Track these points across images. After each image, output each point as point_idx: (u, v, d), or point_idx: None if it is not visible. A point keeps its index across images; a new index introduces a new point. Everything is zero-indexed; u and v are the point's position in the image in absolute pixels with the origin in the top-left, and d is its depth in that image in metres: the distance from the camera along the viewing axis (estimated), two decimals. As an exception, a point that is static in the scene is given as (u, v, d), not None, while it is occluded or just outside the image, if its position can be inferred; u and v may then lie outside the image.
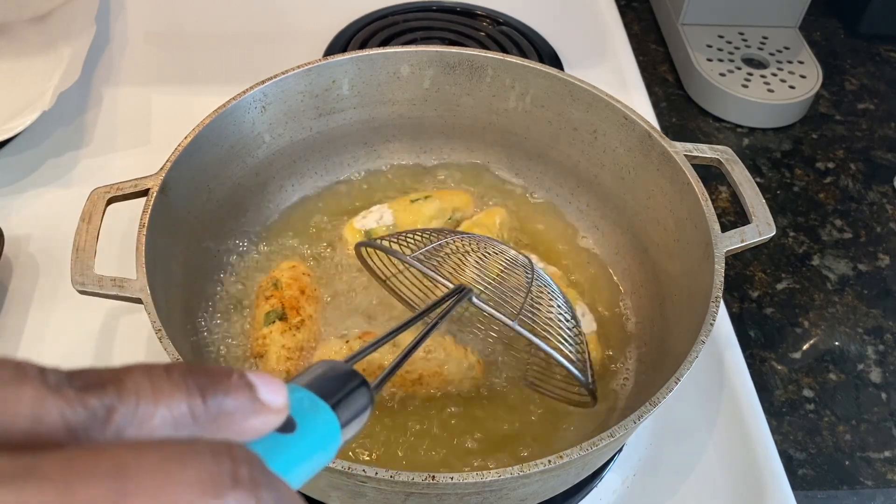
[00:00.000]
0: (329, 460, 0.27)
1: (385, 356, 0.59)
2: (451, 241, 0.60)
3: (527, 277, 0.58)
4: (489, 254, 0.61)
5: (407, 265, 0.58)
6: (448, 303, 0.47)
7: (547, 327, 0.55)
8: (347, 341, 0.62)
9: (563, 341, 0.55)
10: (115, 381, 0.22)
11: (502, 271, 0.60)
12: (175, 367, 0.24)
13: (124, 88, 0.93)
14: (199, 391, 0.23)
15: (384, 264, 0.64)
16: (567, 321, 0.57)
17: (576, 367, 0.54)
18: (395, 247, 0.58)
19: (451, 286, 0.51)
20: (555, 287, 0.60)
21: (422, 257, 0.56)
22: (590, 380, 0.55)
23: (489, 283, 0.57)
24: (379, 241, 0.60)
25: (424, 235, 0.60)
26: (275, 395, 0.25)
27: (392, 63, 0.74)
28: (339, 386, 0.29)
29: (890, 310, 0.80)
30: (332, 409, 0.28)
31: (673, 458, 0.64)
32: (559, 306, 0.58)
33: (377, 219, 0.71)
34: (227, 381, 0.25)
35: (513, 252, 0.62)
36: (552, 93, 0.73)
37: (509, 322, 0.53)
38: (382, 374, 0.34)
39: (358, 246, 0.63)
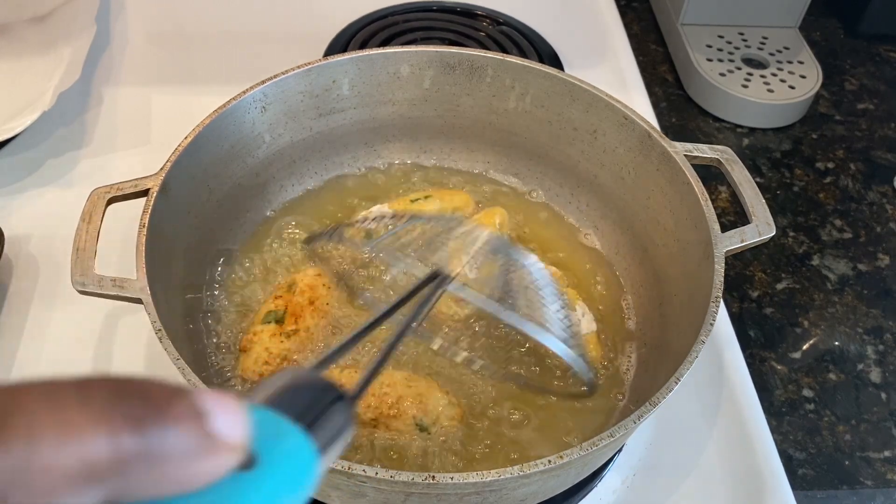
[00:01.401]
0: (304, 499, 0.21)
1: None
2: (414, 226, 0.55)
3: (503, 257, 0.54)
4: (459, 236, 0.55)
5: (370, 257, 0.53)
6: (424, 291, 0.41)
7: (530, 310, 0.52)
8: (342, 370, 0.60)
9: (550, 322, 0.51)
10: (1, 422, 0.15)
11: (476, 253, 0.55)
12: (94, 383, 0.17)
13: (124, 88, 0.93)
14: (129, 424, 0.16)
15: (343, 261, 0.60)
16: (553, 303, 0.53)
17: (567, 349, 0.50)
18: (352, 236, 0.52)
19: (422, 275, 0.45)
20: (536, 264, 0.55)
21: (385, 244, 0.50)
22: (584, 365, 0.52)
23: (463, 267, 0.53)
24: (330, 233, 0.52)
25: (384, 222, 0.55)
26: (232, 426, 0.19)
27: (392, 63, 0.74)
28: (309, 401, 0.22)
29: (890, 310, 0.80)
30: (305, 432, 0.21)
31: (673, 458, 0.64)
32: (543, 287, 0.54)
33: (377, 218, 0.71)
34: (168, 407, 0.17)
35: (484, 232, 0.57)
36: (552, 93, 0.73)
37: (491, 307, 0.48)
38: (361, 378, 0.28)
39: (307, 243, 0.54)
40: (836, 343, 0.77)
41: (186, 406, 0.18)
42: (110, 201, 0.60)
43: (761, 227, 0.62)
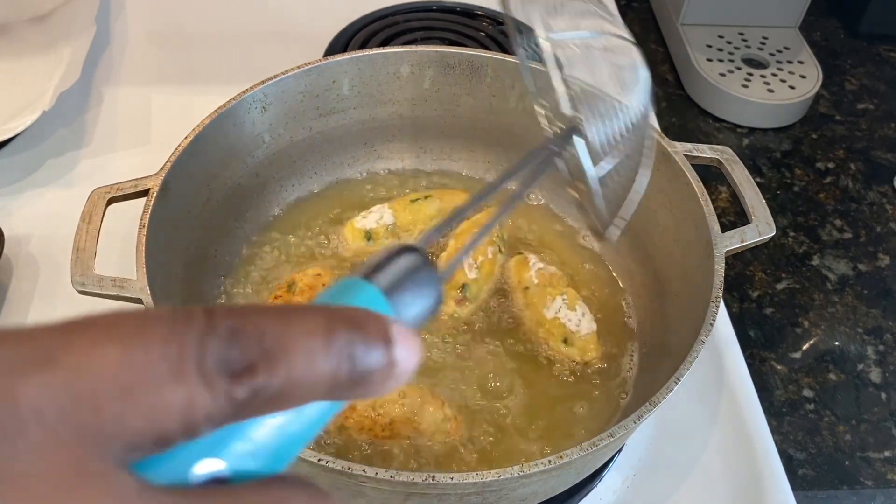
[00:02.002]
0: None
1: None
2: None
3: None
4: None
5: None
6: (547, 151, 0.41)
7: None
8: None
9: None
10: (272, 357, 0.20)
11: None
12: (336, 323, 0.22)
13: (124, 88, 0.93)
14: (349, 359, 0.22)
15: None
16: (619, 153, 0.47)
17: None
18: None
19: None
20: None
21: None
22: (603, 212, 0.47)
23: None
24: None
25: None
26: (410, 359, 0.23)
27: (392, 63, 0.74)
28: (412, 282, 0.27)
29: (890, 310, 0.80)
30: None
31: (673, 458, 0.64)
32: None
33: (377, 218, 0.71)
34: (373, 336, 0.22)
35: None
36: (552, 93, 0.73)
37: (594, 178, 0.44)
38: (454, 257, 0.31)
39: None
40: (837, 343, 0.77)
41: (379, 328, 0.23)
42: (110, 201, 0.60)
43: (761, 227, 0.62)
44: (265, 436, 0.22)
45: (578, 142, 0.45)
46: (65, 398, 0.18)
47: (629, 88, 0.48)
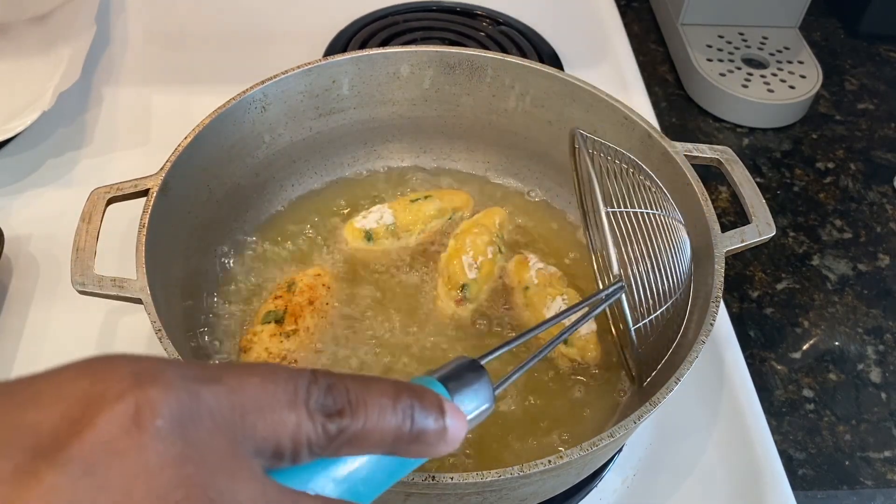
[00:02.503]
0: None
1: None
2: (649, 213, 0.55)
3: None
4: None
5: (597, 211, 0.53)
6: (595, 300, 0.49)
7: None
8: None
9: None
10: (355, 407, 0.29)
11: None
12: (402, 392, 0.30)
13: (124, 88, 0.93)
14: (410, 418, 0.30)
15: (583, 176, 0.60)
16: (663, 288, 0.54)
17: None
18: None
19: (611, 272, 0.52)
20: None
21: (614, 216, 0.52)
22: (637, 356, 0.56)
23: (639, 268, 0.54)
24: (594, 150, 0.56)
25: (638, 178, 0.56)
26: (457, 426, 0.31)
27: (392, 63, 0.74)
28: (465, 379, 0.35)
29: (890, 310, 0.80)
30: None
31: (673, 458, 0.64)
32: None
33: (377, 219, 0.71)
34: (430, 405, 0.31)
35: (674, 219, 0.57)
36: (552, 93, 0.73)
37: (631, 329, 0.53)
38: (508, 377, 0.40)
39: (575, 132, 0.58)
40: (836, 343, 0.77)
41: (436, 402, 0.31)
42: (110, 201, 0.60)
43: (761, 227, 0.62)
44: (354, 472, 0.30)
45: (623, 296, 0.53)
46: (226, 405, 0.26)
47: (673, 257, 0.56)
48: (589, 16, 1.08)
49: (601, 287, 0.54)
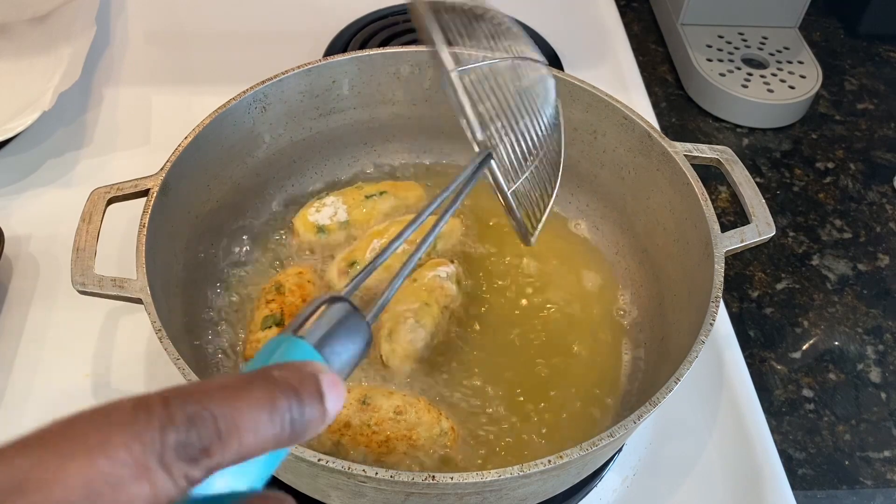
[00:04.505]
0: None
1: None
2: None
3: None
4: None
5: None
6: (463, 179, 0.43)
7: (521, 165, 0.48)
8: None
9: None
10: (226, 437, 0.24)
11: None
12: (277, 396, 0.26)
13: (124, 88, 0.93)
14: (289, 423, 0.26)
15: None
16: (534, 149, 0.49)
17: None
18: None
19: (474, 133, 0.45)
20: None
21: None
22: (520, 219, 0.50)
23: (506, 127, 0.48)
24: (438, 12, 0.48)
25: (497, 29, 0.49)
26: (336, 404, 0.28)
27: (392, 63, 0.74)
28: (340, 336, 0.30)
29: (889, 310, 0.80)
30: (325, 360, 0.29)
31: (673, 458, 0.64)
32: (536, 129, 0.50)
33: (331, 214, 0.71)
34: (309, 397, 0.27)
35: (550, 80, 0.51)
36: (552, 93, 0.73)
37: (506, 192, 0.46)
38: (379, 301, 0.35)
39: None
40: (836, 343, 0.77)
41: (314, 387, 0.27)
42: (110, 201, 0.60)
43: (761, 227, 0.62)
44: (233, 478, 0.26)
45: (492, 163, 0.47)
46: None
47: (539, 102, 0.50)
48: (589, 16, 1.08)
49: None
